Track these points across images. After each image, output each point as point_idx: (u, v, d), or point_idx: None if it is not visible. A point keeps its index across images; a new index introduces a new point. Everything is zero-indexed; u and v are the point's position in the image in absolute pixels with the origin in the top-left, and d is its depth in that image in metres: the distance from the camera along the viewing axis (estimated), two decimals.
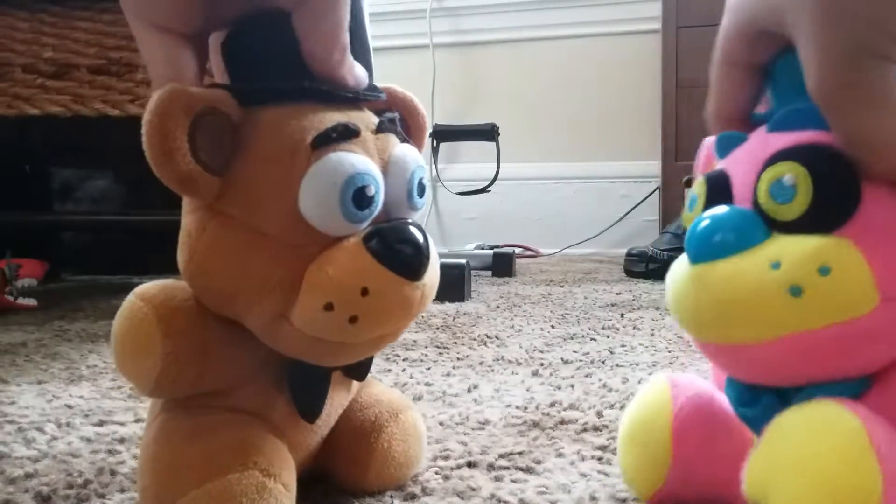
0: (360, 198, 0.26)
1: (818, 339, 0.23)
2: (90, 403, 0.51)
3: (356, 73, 0.28)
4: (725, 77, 0.28)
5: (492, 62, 2.04)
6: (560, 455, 0.39)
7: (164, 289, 0.29)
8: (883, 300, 0.22)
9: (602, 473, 0.36)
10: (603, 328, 0.80)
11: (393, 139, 0.29)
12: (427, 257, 0.28)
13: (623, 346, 0.69)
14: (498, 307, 0.97)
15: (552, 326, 0.81)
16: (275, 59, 0.28)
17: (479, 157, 1.87)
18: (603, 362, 0.63)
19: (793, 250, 0.23)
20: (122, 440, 0.42)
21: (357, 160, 0.26)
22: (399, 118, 0.30)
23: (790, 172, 0.23)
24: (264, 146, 0.26)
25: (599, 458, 0.38)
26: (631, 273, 1.35)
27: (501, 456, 0.39)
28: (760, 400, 0.26)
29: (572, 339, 0.74)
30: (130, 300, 0.29)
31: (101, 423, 0.46)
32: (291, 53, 0.27)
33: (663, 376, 0.31)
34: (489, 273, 1.40)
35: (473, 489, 0.35)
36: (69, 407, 0.50)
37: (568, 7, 1.96)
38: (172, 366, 0.28)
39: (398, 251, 0.27)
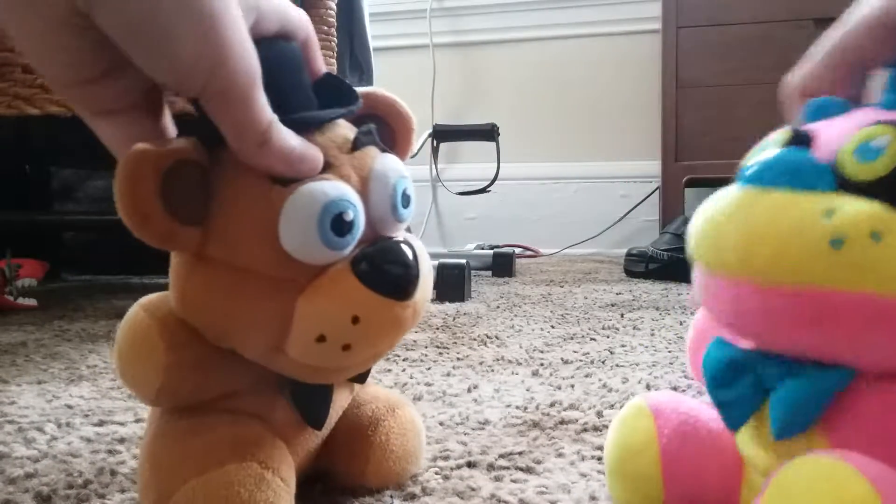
0: (339, 224, 0.26)
1: (845, 302, 0.21)
2: (90, 403, 0.51)
3: (286, 158, 0.25)
4: (831, 68, 0.27)
5: (492, 62, 2.04)
6: (560, 455, 0.39)
7: (167, 302, 0.29)
8: None
9: (602, 473, 0.36)
10: (603, 328, 0.80)
11: (372, 152, 0.29)
12: (417, 275, 0.28)
13: (623, 346, 0.69)
14: (498, 307, 0.97)
15: (552, 326, 0.81)
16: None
17: (479, 157, 1.87)
18: (603, 362, 0.63)
19: (852, 206, 0.21)
20: (122, 440, 0.42)
21: (329, 187, 0.26)
22: (375, 128, 0.30)
23: (884, 135, 0.22)
24: (237, 189, 0.26)
25: (599, 458, 0.38)
26: (631, 273, 1.35)
27: (501, 456, 0.39)
28: (737, 382, 0.25)
29: (572, 339, 0.74)
30: (135, 311, 0.29)
31: (101, 423, 0.46)
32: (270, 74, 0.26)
33: (644, 403, 0.30)
34: (489, 273, 1.40)
35: (473, 489, 0.35)
36: (69, 407, 0.50)
37: (568, 7, 1.96)
38: (174, 377, 0.28)
39: (386, 273, 0.27)
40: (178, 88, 0.24)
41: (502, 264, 1.40)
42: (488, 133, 1.40)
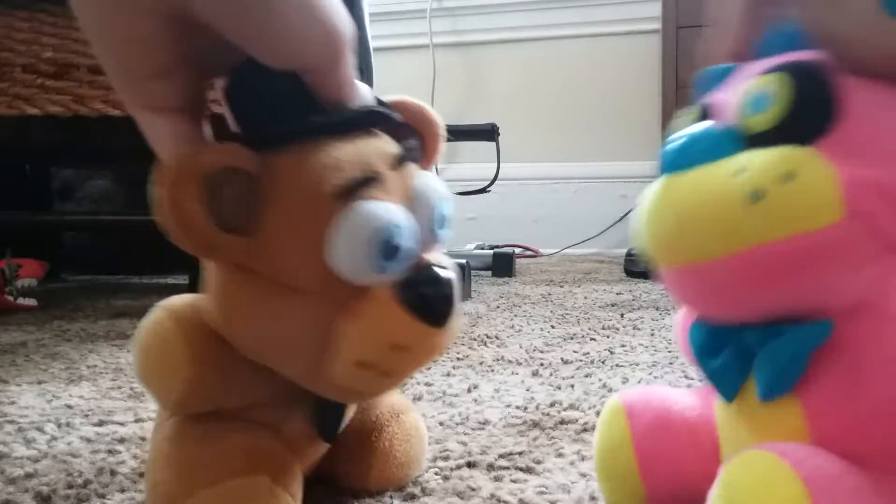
0: (389, 250, 0.25)
1: (776, 252, 0.21)
2: (90, 403, 0.51)
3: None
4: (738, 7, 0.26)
5: (492, 62, 2.04)
6: (560, 455, 0.39)
7: (195, 311, 0.29)
8: (848, 214, 0.21)
9: None
10: (603, 328, 0.80)
11: (414, 169, 0.28)
12: (455, 303, 0.28)
13: (623, 346, 0.69)
14: (498, 307, 0.97)
15: (552, 326, 0.81)
16: (282, 96, 0.26)
17: (479, 157, 1.87)
18: (603, 362, 0.63)
19: (760, 157, 0.22)
20: (121, 440, 0.42)
21: (383, 210, 0.25)
22: (418, 144, 0.29)
23: (771, 82, 0.22)
24: (286, 200, 0.25)
25: None
26: (631, 273, 1.35)
27: (501, 456, 0.39)
28: (724, 350, 0.25)
29: (572, 339, 0.74)
30: (160, 316, 0.29)
31: (101, 423, 0.46)
32: (298, 88, 0.26)
33: (619, 402, 0.30)
34: (489, 273, 1.40)
35: (473, 489, 0.35)
36: (69, 407, 0.50)
37: (568, 7, 1.96)
38: (196, 390, 0.28)
39: (429, 302, 0.26)
40: (285, 62, 0.24)
41: (502, 264, 1.40)
42: (488, 133, 1.39)
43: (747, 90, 0.23)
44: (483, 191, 1.51)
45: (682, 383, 0.55)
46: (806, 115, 0.22)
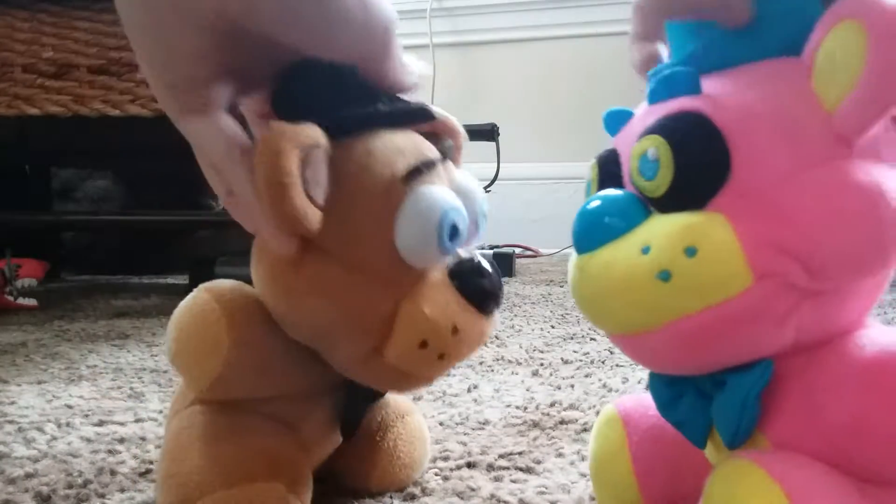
0: (453, 231, 0.27)
1: (697, 323, 0.21)
2: (90, 403, 0.51)
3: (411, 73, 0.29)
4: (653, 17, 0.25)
5: (492, 62, 2.04)
6: (560, 455, 0.39)
7: (239, 293, 0.29)
8: (757, 277, 0.20)
9: None
10: None
11: (451, 166, 0.30)
12: (501, 294, 0.29)
13: None
14: None
15: (552, 326, 0.81)
16: (329, 95, 0.27)
17: (479, 157, 1.87)
18: (603, 362, 0.63)
19: (660, 232, 0.22)
20: (121, 440, 0.42)
21: (447, 195, 0.27)
22: (451, 144, 0.31)
23: (652, 146, 0.22)
24: (357, 181, 0.26)
25: None
26: None
27: (501, 456, 0.39)
28: (682, 400, 0.25)
29: (572, 338, 0.74)
30: (202, 297, 0.29)
31: (100, 423, 0.46)
32: (343, 87, 0.27)
33: (614, 411, 0.30)
34: None
35: (473, 489, 0.35)
36: (69, 407, 0.50)
37: (568, 7, 1.96)
38: (232, 374, 0.28)
39: (481, 289, 0.28)
40: (343, 52, 0.25)
41: (502, 264, 1.39)
42: (488, 133, 1.39)
43: (636, 153, 0.23)
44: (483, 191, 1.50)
45: None
46: (693, 180, 0.21)
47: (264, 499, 0.27)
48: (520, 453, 0.39)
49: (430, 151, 0.28)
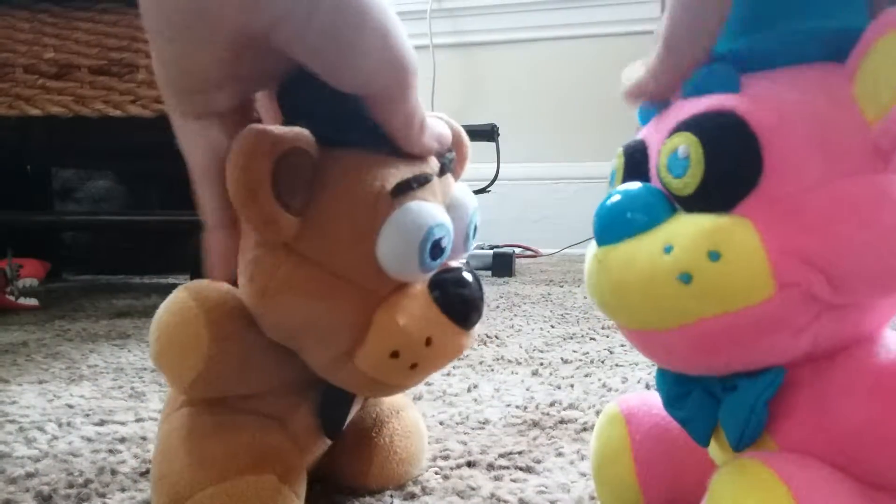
0: (436, 249, 0.27)
1: (713, 328, 0.21)
2: (91, 403, 0.51)
3: (436, 137, 0.28)
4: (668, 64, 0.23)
5: (492, 62, 2.04)
6: (560, 454, 0.39)
7: (216, 291, 0.29)
8: (780, 287, 0.20)
9: None
10: (602, 328, 0.80)
11: (450, 180, 0.30)
12: (483, 308, 0.29)
13: (623, 345, 0.69)
14: (498, 307, 0.97)
15: (552, 326, 0.81)
16: (335, 104, 0.27)
17: (479, 157, 1.87)
18: (602, 362, 0.63)
19: (685, 233, 0.21)
20: (122, 440, 0.43)
21: (435, 210, 0.27)
22: (454, 155, 0.30)
23: (683, 144, 0.21)
24: (345, 189, 0.26)
25: None
26: None
27: (501, 455, 0.39)
28: (689, 398, 0.25)
29: (572, 338, 0.74)
30: (181, 296, 0.29)
31: (101, 423, 0.46)
32: (351, 99, 0.27)
33: (616, 409, 0.30)
34: (489, 273, 1.40)
35: (473, 489, 0.35)
36: (70, 406, 0.50)
37: (568, 7, 1.96)
38: (213, 369, 0.28)
39: (460, 303, 0.28)
40: (354, 90, 0.25)
41: (502, 264, 1.40)
42: (488, 133, 1.40)
43: (666, 150, 0.22)
44: (483, 191, 1.51)
45: None
46: (723, 182, 0.21)
47: (256, 491, 0.27)
48: (520, 453, 0.40)
49: (428, 165, 0.28)
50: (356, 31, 0.23)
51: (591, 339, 0.74)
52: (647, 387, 0.54)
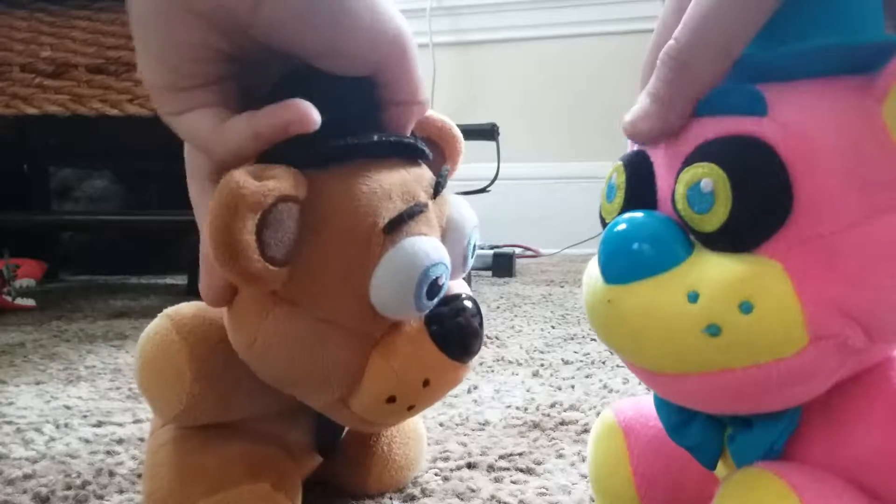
0: (433, 289, 0.25)
1: (740, 378, 0.20)
2: (88, 404, 0.51)
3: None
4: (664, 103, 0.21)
5: (492, 62, 2.04)
6: (560, 456, 0.39)
7: (201, 323, 0.28)
8: (813, 339, 0.19)
9: None
10: None
11: (447, 197, 0.28)
12: (481, 337, 0.28)
13: None
14: (498, 307, 0.97)
15: (552, 327, 0.81)
16: (330, 103, 0.25)
17: (479, 157, 1.87)
18: (603, 363, 0.62)
19: (711, 279, 0.19)
20: (120, 441, 0.42)
21: (430, 248, 0.25)
22: (448, 169, 0.29)
23: (708, 177, 0.19)
24: (334, 230, 0.24)
25: None
26: None
27: (501, 457, 0.39)
28: (692, 425, 0.24)
29: (573, 339, 0.74)
30: (164, 326, 0.28)
31: (99, 424, 0.46)
32: (345, 97, 0.25)
33: (613, 420, 0.29)
34: (489, 273, 1.40)
35: (473, 490, 0.34)
36: (67, 408, 0.50)
37: (568, 6, 1.96)
38: (197, 405, 0.28)
39: (460, 338, 0.27)
40: (354, 65, 0.24)
41: (502, 264, 1.39)
42: (488, 133, 1.39)
43: (683, 178, 0.20)
44: (483, 191, 1.51)
45: None
46: (751, 221, 0.19)
47: (249, 500, 0.27)
48: (520, 454, 0.39)
49: (422, 188, 0.26)
50: (340, 4, 0.23)
51: (592, 339, 0.73)
52: (648, 388, 0.53)
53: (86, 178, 1.45)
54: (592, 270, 0.23)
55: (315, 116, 0.23)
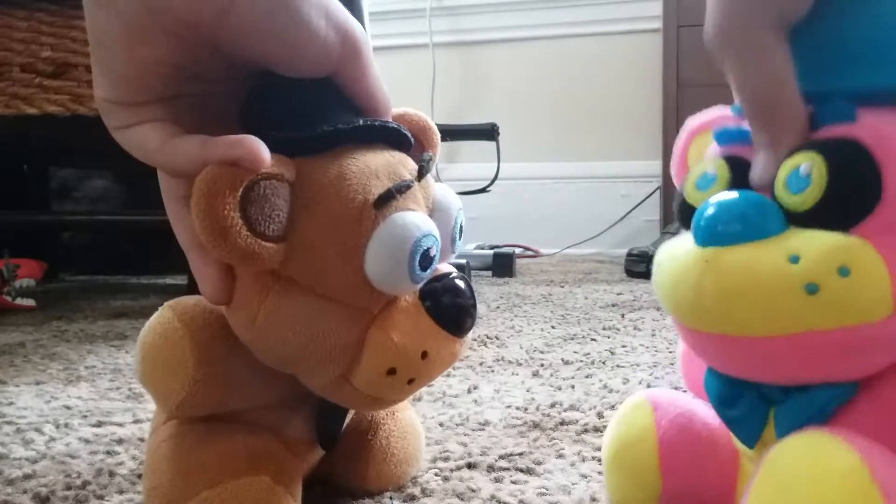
0: (425, 260, 0.26)
1: (827, 340, 0.22)
2: (88, 404, 0.51)
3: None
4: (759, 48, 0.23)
5: (492, 62, 2.04)
6: (560, 456, 0.39)
7: (202, 312, 0.28)
8: None
9: (603, 475, 0.36)
10: (603, 328, 0.80)
11: (430, 182, 0.29)
12: (475, 313, 0.29)
13: (624, 346, 0.69)
14: (498, 307, 0.97)
15: (552, 327, 0.81)
16: (301, 108, 0.26)
17: (479, 157, 1.87)
18: (604, 363, 0.62)
19: (813, 245, 0.22)
20: (120, 441, 0.42)
21: (420, 220, 0.26)
22: (432, 155, 0.30)
23: (807, 161, 0.22)
24: (327, 208, 0.25)
25: (600, 460, 0.38)
26: (632, 273, 1.35)
27: (501, 457, 0.39)
28: (742, 399, 0.25)
29: (573, 339, 0.74)
30: (166, 316, 0.29)
31: (99, 424, 0.46)
32: (322, 98, 0.26)
33: (644, 397, 0.30)
34: (489, 273, 1.40)
35: (473, 490, 0.34)
36: (67, 408, 0.50)
37: (568, 6, 1.96)
38: (199, 393, 0.28)
39: (454, 312, 0.28)
40: (314, 66, 0.25)
41: (502, 264, 1.39)
42: (488, 133, 1.39)
43: (787, 166, 0.23)
44: (483, 191, 1.51)
45: (683, 384, 0.55)
46: (842, 203, 0.22)
47: (251, 493, 0.27)
48: (520, 454, 0.39)
49: (406, 170, 0.27)
50: (301, 4, 0.24)
51: (592, 339, 0.73)
52: (649, 387, 0.53)
53: (86, 178, 1.45)
54: (673, 247, 0.25)
55: (265, 155, 0.24)
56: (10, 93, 0.87)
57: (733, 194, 0.24)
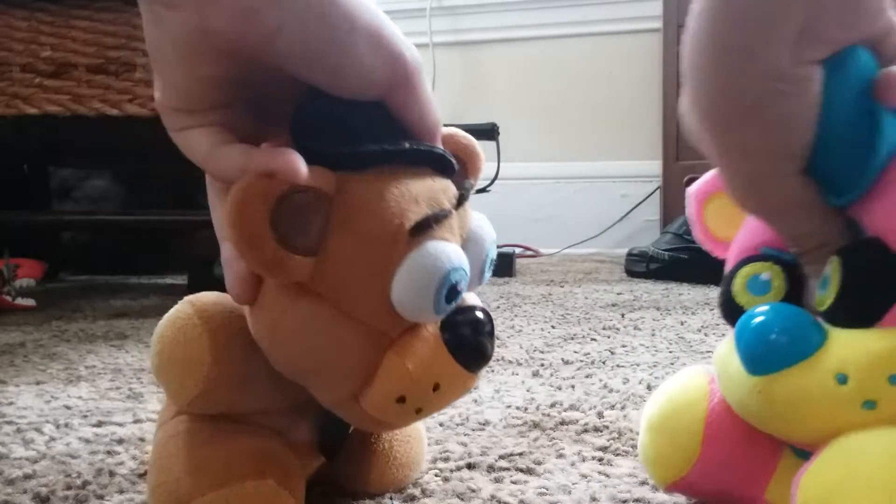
0: (452, 293, 0.26)
1: None
2: (88, 404, 0.51)
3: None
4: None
5: (492, 61, 2.04)
6: (560, 456, 0.39)
7: (221, 310, 0.28)
8: None
9: (603, 474, 0.36)
10: (603, 328, 0.79)
11: (468, 210, 0.29)
12: (492, 349, 0.28)
13: (624, 346, 0.69)
14: (498, 307, 0.97)
15: (552, 327, 0.81)
16: (348, 124, 0.26)
17: None
18: (604, 363, 0.62)
19: (855, 358, 0.23)
20: (120, 441, 0.42)
21: (452, 253, 0.26)
22: (473, 183, 0.30)
23: (829, 264, 0.24)
24: (362, 227, 0.25)
25: (600, 459, 0.38)
26: (632, 273, 1.35)
27: (501, 457, 0.39)
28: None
29: (573, 339, 0.74)
30: (186, 312, 0.28)
31: (99, 424, 0.46)
32: (372, 116, 0.26)
33: (703, 369, 0.31)
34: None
35: (473, 490, 0.34)
36: (67, 408, 0.50)
37: (568, 6, 1.96)
38: (214, 391, 0.28)
39: (472, 348, 0.27)
40: (357, 92, 0.25)
41: (502, 264, 1.39)
42: (488, 133, 1.39)
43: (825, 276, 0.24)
44: (483, 191, 1.51)
45: None
46: (857, 301, 0.23)
47: (256, 496, 0.27)
48: (520, 454, 0.39)
49: (446, 197, 0.27)
50: (348, 34, 0.24)
51: (592, 339, 0.73)
52: (649, 387, 0.53)
53: (86, 178, 1.45)
54: (730, 358, 0.26)
55: (302, 168, 0.24)
56: (11, 93, 0.87)
57: (766, 314, 0.24)
